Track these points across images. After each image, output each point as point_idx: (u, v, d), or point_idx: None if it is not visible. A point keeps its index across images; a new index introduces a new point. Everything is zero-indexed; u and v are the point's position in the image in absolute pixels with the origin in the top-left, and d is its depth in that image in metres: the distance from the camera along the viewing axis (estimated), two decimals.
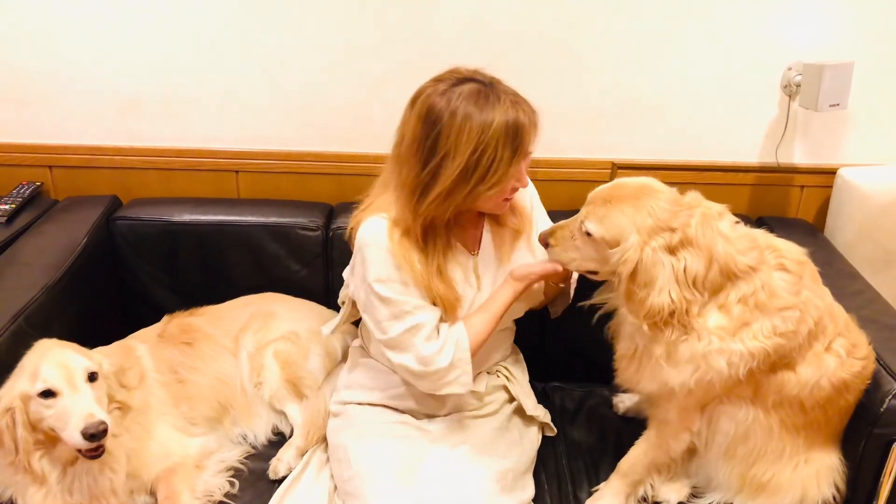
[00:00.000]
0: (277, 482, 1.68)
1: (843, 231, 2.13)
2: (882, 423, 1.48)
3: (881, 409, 1.48)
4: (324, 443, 1.77)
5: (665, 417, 1.58)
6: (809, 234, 2.11)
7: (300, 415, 1.83)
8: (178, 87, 2.17)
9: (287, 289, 2.08)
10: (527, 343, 1.91)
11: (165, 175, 2.25)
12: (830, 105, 2.00)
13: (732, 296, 1.40)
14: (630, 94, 2.14)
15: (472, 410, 1.70)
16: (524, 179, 1.52)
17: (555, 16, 2.06)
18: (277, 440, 1.84)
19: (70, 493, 1.51)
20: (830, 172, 2.18)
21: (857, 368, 1.50)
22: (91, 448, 1.44)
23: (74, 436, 1.42)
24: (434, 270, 1.52)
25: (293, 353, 1.88)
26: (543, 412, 1.82)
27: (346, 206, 2.13)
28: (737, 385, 1.47)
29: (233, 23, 2.09)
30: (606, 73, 2.12)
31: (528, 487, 1.66)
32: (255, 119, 2.20)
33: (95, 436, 1.41)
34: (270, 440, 1.85)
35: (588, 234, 1.45)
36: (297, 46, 2.11)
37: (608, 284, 1.59)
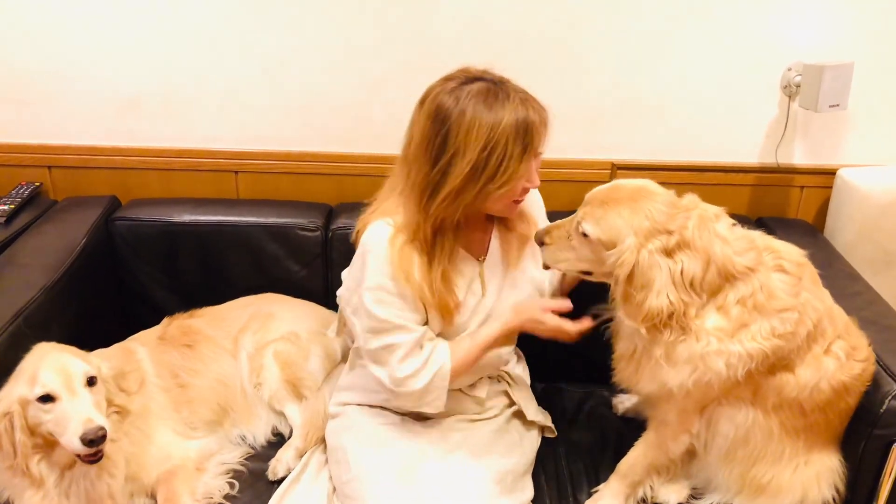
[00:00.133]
0: (276, 483, 1.68)
1: (843, 232, 2.13)
2: (882, 424, 1.48)
3: (881, 410, 1.48)
4: (323, 444, 1.76)
5: (664, 418, 1.58)
6: (809, 235, 2.11)
7: (299, 416, 1.83)
8: (178, 88, 2.16)
9: (286, 289, 2.08)
10: (527, 344, 1.90)
11: (165, 175, 2.25)
12: (830, 105, 2.00)
13: (731, 297, 1.40)
14: (630, 95, 2.14)
15: (473, 415, 1.70)
16: (535, 179, 1.51)
17: (555, 16, 2.06)
18: (277, 441, 1.84)
19: (67, 497, 1.50)
20: (830, 173, 2.17)
21: (857, 371, 1.49)
22: (90, 453, 1.43)
23: (73, 441, 1.41)
24: (438, 276, 1.51)
25: (293, 354, 1.88)
26: (544, 415, 1.82)
27: (346, 207, 2.14)
28: (735, 386, 1.47)
29: (233, 23, 2.09)
30: (606, 74, 2.12)
31: (528, 489, 1.65)
32: (255, 119, 2.20)
33: (94, 441, 1.41)
34: (270, 441, 1.85)
35: (584, 235, 1.45)
36: (297, 46, 2.11)
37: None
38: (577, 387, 2.02)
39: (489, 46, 2.08)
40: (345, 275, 1.70)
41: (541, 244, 1.55)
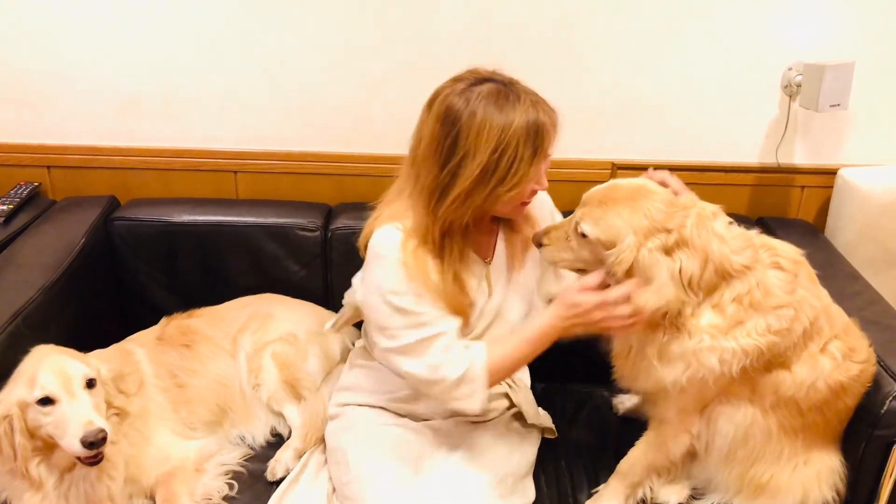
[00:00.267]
0: (275, 484, 1.68)
1: (844, 231, 2.12)
2: (883, 425, 1.47)
3: (882, 411, 1.47)
4: (322, 444, 1.76)
5: (664, 418, 1.57)
6: (810, 235, 2.11)
7: (298, 416, 1.82)
8: (178, 88, 2.16)
9: (286, 290, 2.08)
10: None
11: (164, 175, 2.24)
12: (831, 105, 2.00)
13: (727, 295, 1.41)
14: (630, 95, 2.13)
15: (473, 417, 1.68)
16: (543, 181, 1.50)
17: (555, 16, 2.06)
18: (276, 441, 1.83)
19: (67, 500, 1.50)
20: (831, 173, 2.17)
21: (855, 372, 1.49)
22: (90, 455, 1.43)
23: (73, 444, 1.40)
24: (450, 277, 1.50)
25: (291, 355, 1.87)
26: (545, 417, 1.81)
27: (346, 207, 2.13)
28: (732, 384, 1.47)
29: (233, 23, 2.09)
30: (606, 73, 2.11)
31: (529, 491, 1.65)
32: (255, 119, 2.19)
33: (95, 444, 1.40)
34: (269, 441, 1.84)
35: (583, 236, 1.45)
36: (297, 46, 2.11)
37: None
38: (577, 387, 2.01)
39: (489, 47, 2.08)
40: (356, 280, 1.67)
41: (539, 245, 1.55)
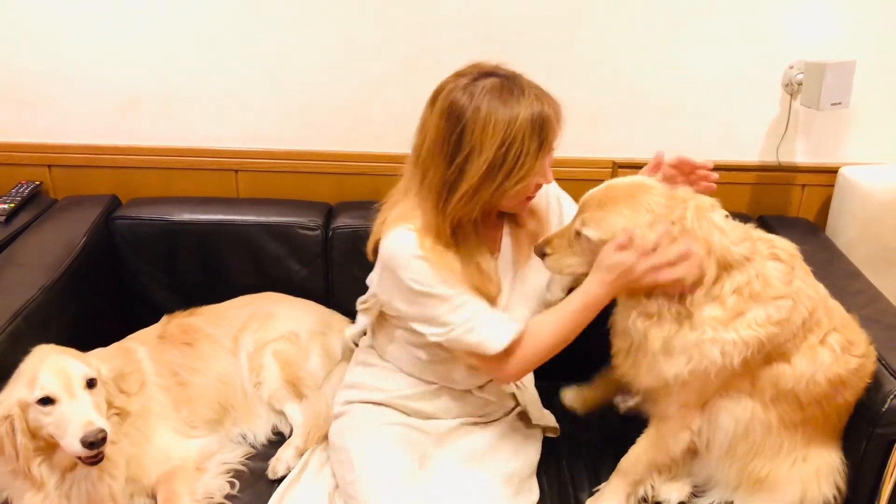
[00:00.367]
0: (276, 482, 1.68)
1: (845, 230, 2.12)
2: (884, 423, 1.47)
3: (883, 409, 1.47)
4: (323, 442, 1.76)
5: (665, 414, 1.57)
6: (811, 234, 2.11)
7: (300, 415, 1.82)
8: (178, 87, 2.16)
9: (287, 288, 2.08)
10: None
11: (165, 174, 2.24)
12: (832, 104, 2.00)
13: (727, 287, 1.41)
14: (631, 93, 2.13)
15: (478, 417, 1.69)
16: (549, 175, 1.50)
17: (555, 14, 2.05)
18: (277, 440, 1.83)
19: (68, 499, 1.50)
20: (832, 171, 2.17)
21: (854, 365, 1.49)
22: (90, 455, 1.43)
23: (73, 443, 1.41)
24: (473, 268, 1.50)
25: (292, 354, 1.87)
26: (549, 416, 1.80)
27: (346, 206, 2.13)
28: (733, 377, 1.47)
29: (233, 23, 2.09)
30: (607, 72, 2.11)
31: (534, 491, 1.64)
32: (255, 118, 2.19)
33: (94, 444, 1.40)
34: (270, 440, 1.84)
35: (587, 239, 1.45)
36: (297, 46, 2.11)
37: None
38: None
39: (489, 45, 2.07)
40: (372, 283, 1.65)
41: (542, 256, 1.54)
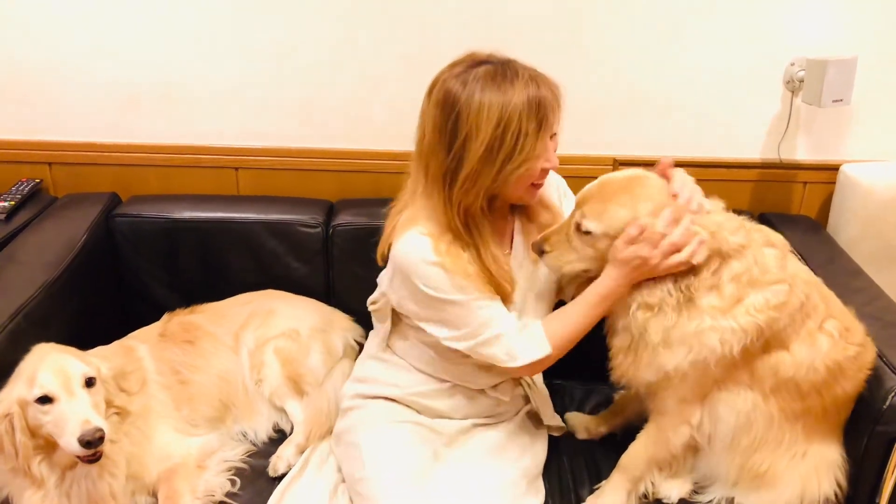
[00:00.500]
0: (277, 480, 1.68)
1: (847, 227, 2.12)
2: (885, 421, 1.47)
3: (884, 407, 1.47)
4: (324, 439, 1.76)
5: (664, 409, 1.57)
6: (812, 231, 2.11)
7: (301, 412, 1.82)
8: (179, 84, 2.16)
9: (287, 286, 2.08)
10: None
11: (165, 172, 2.24)
12: (833, 101, 1.99)
13: (725, 275, 1.42)
14: (632, 90, 2.13)
15: (487, 417, 1.68)
16: (553, 159, 1.49)
17: (556, 11, 2.05)
18: (278, 437, 1.83)
19: (69, 498, 1.50)
20: (833, 168, 2.16)
21: (852, 353, 1.50)
22: (88, 454, 1.43)
23: (71, 442, 1.41)
24: (490, 259, 1.49)
25: (293, 351, 1.87)
26: (556, 416, 1.80)
27: (347, 203, 2.13)
28: (732, 367, 1.47)
29: (233, 20, 2.09)
30: (608, 69, 2.11)
31: (541, 490, 1.64)
32: (256, 116, 2.19)
33: (92, 443, 1.40)
34: (271, 438, 1.84)
35: (587, 233, 1.45)
36: (298, 43, 2.10)
37: None
38: (580, 384, 2.01)
39: (489, 43, 2.03)
40: (383, 282, 1.64)
41: (541, 253, 1.54)
